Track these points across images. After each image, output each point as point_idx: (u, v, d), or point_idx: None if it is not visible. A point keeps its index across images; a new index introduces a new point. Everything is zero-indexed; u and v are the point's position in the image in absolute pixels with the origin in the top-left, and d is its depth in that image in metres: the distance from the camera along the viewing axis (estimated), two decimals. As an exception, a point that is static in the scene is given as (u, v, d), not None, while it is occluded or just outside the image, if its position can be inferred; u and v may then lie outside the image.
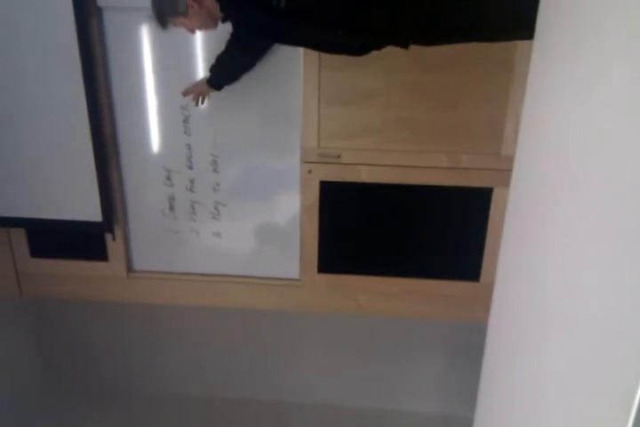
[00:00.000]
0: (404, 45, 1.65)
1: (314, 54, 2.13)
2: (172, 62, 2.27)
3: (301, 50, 2.15)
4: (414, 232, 2.46)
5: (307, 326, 3.02)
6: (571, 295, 0.86)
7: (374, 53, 1.72)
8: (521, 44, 2.03)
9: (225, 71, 2.15)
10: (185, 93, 2.21)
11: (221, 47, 2.04)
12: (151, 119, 2.37)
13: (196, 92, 2.19)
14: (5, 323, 2.92)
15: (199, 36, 2.21)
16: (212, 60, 2.11)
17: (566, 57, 1.01)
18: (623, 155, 0.70)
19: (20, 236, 2.63)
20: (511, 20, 1.54)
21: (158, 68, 2.29)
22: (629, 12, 0.74)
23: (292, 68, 2.21)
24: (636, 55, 0.70)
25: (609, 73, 0.79)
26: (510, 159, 1.37)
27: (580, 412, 0.77)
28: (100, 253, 2.62)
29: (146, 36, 2.24)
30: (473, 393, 1.61)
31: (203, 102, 2.22)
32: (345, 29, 1.57)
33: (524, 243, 1.20)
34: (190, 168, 2.43)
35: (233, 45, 2.01)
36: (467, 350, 2.74)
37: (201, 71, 2.26)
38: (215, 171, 2.42)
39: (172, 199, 2.49)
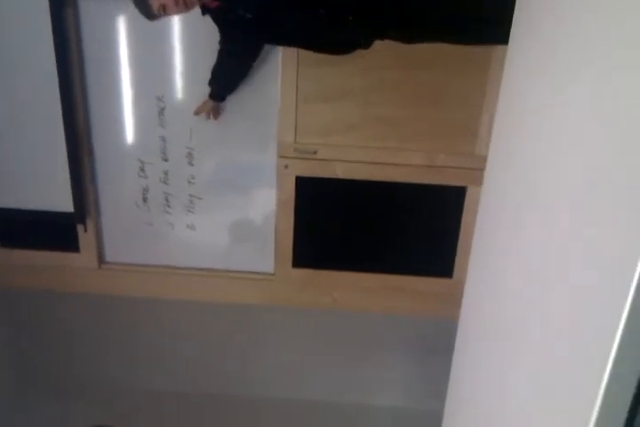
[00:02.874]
0: (382, 33, 1.66)
1: (292, 50, 2.12)
2: (148, 53, 2.24)
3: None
4: (389, 228, 2.47)
5: (281, 321, 3.01)
6: (539, 294, 0.87)
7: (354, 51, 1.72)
8: (496, 46, 2.05)
9: (221, 82, 2.17)
10: (196, 114, 2.26)
11: (198, 40, 2.02)
12: (126, 110, 2.34)
13: (206, 109, 2.24)
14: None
15: (177, 28, 2.18)
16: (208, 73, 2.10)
17: (539, 58, 1.02)
18: (596, 155, 0.71)
19: (-11, 225, 2.58)
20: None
21: (134, 59, 2.25)
22: (602, 12, 0.75)
23: (270, 63, 2.20)
24: (608, 57, 0.71)
25: (582, 74, 0.80)
26: (484, 158, 1.38)
27: (547, 408, 0.78)
28: (71, 245, 2.58)
29: (122, 27, 2.20)
30: (443, 388, 1.63)
31: (216, 117, 2.27)
32: (326, 8, 1.57)
33: (495, 241, 1.21)
34: (165, 160, 2.41)
35: (225, 52, 1.99)
36: (436, 345, 2.77)
37: (177, 63, 2.24)
38: (190, 164, 2.40)
39: (145, 191, 2.46)
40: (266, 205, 2.45)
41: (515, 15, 1.22)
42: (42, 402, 3.11)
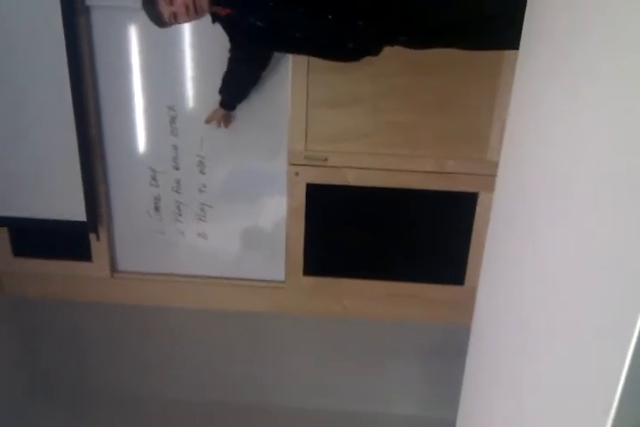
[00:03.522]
0: (391, 39, 1.66)
1: (302, 58, 2.12)
2: (159, 62, 2.26)
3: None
4: (400, 236, 2.46)
5: (291, 329, 3.01)
6: (552, 301, 0.87)
7: (364, 58, 1.73)
8: (507, 52, 2.05)
9: (232, 90, 2.18)
10: (207, 122, 2.28)
11: (209, 48, 2.04)
12: (137, 119, 2.36)
13: (216, 117, 2.26)
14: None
15: (187, 36, 2.20)
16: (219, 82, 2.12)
17: (551, 64, 1.02)
18: (608, 161, 0.71)
19: (2, 234, 2.60)
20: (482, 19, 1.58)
21: (146, 68, 2.27)
22: (611, 19, 0.75)
23: (280, 71, 2.21)
24: (619, 62, 0.71)
25: (593, 80, 0.80)
26: (496, 164, 1.38)
27: (561, 414, 0.77)
28: (83, 254, 2.59)
29: (134, 36, 2.22)
30: (455, 395, 1.61)
31: (227, 125, 2.29)
32: (335, 14, 1.58)
33: (508, 247, 1.20)
34: (176, 169, 2.42)
35: (235, 60, 2.00)
36: (448, 353, 2.75)
37: (188, 72, 2.25)
38: (202, 172, 2.41)
39: (157, 200, 2.48)
40: (276, 213, 2.45)
41: (525, 19, 1.21)
42: (54, 410, 3.11)
